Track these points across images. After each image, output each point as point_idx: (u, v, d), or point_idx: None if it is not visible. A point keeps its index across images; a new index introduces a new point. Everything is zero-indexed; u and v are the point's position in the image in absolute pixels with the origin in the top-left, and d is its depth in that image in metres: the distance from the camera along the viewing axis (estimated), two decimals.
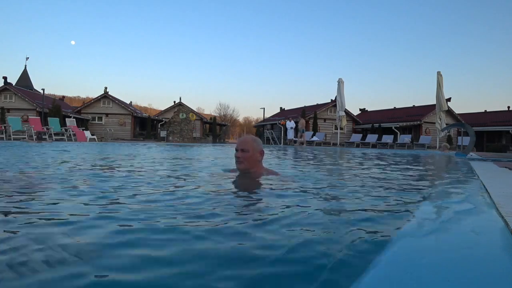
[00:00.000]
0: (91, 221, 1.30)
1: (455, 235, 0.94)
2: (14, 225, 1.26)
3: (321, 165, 5.21)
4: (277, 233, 1.18)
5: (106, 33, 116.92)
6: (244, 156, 2.64)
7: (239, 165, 2.68)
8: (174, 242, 1.06)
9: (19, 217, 1.38)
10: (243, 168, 2.69)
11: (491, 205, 1.30)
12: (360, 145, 22.22)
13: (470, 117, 27.28)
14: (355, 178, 3.30)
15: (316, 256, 0.97)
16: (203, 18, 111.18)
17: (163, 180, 2.79)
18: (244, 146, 2.66)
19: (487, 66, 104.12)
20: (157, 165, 4.40)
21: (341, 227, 1.34)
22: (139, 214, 1.43)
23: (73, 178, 2.60)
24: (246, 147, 2.66)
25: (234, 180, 2.72)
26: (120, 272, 0.84)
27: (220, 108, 59.18)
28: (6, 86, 25.25)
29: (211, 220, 1.35)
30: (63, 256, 0.94)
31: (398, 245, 0.79)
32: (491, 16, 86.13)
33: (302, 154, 8.31)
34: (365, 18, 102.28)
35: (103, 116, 29.32)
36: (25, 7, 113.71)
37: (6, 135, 14.62)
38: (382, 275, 0.62)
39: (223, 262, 0.91)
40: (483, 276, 0.63)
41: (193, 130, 22.40)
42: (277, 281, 0.81)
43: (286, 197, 2.00)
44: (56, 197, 1.82)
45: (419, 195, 2.16)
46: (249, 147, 2.67)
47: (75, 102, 58.75)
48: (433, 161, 7.29)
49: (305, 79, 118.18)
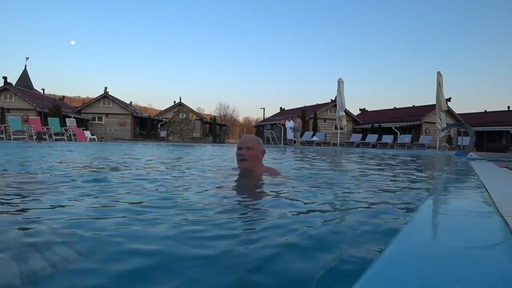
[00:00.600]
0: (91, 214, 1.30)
1: (455, 235, 0.94)
2: (15, 225, 1.26)
3: (319, 165, 5.21)
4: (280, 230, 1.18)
5: (106, 33, 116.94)
6: (249, 153, 2.64)
7: (244, 163, 2.66)
8: (181, 240, 1.06)
9: (19, 217, 1.38)
10: (247, 167, 2.67)
11: (491, 205, 1.30)
12: (360, 145, 22.22)
13: (470, 117, 27.27)
14: (354, 178, 3.30)
15: (316, 255, 0.97)
16: (203, 18, 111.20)
17: (168, 179, 2.80)
18: (249, 144, 2.67)
19: (487, 66, 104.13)
20: (162, 164, 4.40)
21: (340, 227, 1.34)
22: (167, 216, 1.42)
23: (83, 179, 2.59)
24: (252, 145, 2.66)
25: (238, 178, 2.72)
26: (123, 267, 0.84)
27: (220, 108, 59.18)
28: (6, 86, 25.24)
29: (219, 217, 1.35)
30: (67, 256, 0.94)
31: (397, 245, 0.79)
32: (491, 16, 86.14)
33: (301, 154, 8.32)
34: (365, 18, 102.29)
35: (103, 116, 29.30)
36: (25, 7, 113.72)
37: (6, 135, 14.62)
38: (382, 275, 0.62)
39: (228, 258, 0.91)
40: (483, 276, 0.63)
41: (193, 130, 22.40)
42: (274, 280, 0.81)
43: (285, 194, 2.00)
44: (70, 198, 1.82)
45: (419, 195, 2.16)
46: (254, 145, 2.68)
47: (75, 102, 58.70)
48: (432, 161, 7.29)
49: (305, 79, 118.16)
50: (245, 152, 2.63)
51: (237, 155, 2.69)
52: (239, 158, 2.67)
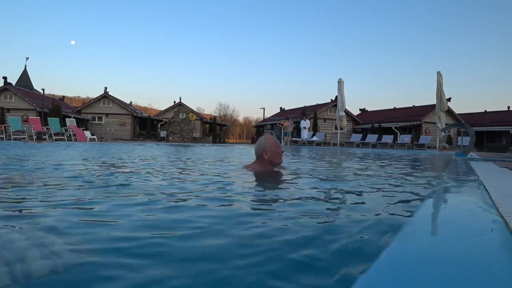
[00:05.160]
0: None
1: (454, 235, 0.94)
2: (15, 226, 1.26)
3: (319, 164, 5.21)
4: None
5: (106, 33, 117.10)
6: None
7: (281, 159, 3.26)
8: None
9: (20, 217, 1.38)
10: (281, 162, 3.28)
11: (491, 205, 1.30)
12: (360, 145, 22.22)
13: (470, 117, 27.28)
14: (352, 178, 3.30)
15: (317, 254, 0.97)
16: (203, 18, 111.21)
17: (184, 178, 2.80)
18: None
19: (487, 66, 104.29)
20: (175, 164, 4.40)
21: (339, 227, 1.34)
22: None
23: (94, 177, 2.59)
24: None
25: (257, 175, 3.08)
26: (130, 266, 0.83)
27: (220, 108, 59.23)
28: (6, 86, 25.25)
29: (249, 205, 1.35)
30: (72, 255, 0.94)
31: (397, 245, 0.79)
32: (491, 16, 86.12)
33: (306, 153, 8.32)
34: (365, 18, 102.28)
35: (103, 116, 29.31)
36: (25, 7, 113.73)
37: (6, 135, 14.63)
38: (382, 275, 0.62)
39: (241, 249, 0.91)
40: (483, 276, 0.63)
41: (193, 130, 22.39)
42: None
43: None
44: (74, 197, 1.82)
45: (418, 195, 2.15)
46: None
47: (75, 102, 58.73)
48: (432, 161, 7.29)
49: (305, 79, 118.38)
50: (281, 151, 3.23)
51: (278, 153, 3.21)
52: (278, 156, 3.21)
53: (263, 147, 3.13)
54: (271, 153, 3.13)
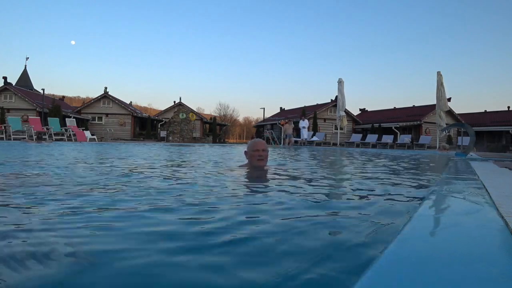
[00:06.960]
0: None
1: (454, 235, 0.94)
2: (15, 226, 1.26)
3: (318, 164, 5.21)
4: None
5: (106, 33, 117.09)
6: (266, 155, 3.21)
7: (262, 162, 3.21)
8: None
9: (21, 218, 1.38)
10: (264, 165, 3.24)
11: (491, 205, 1.30)
12: (360, 145, 22.21)
13: (470, 117, 27.27)
14: (352, 177, 3.30)
15: (317, 254, 0.97)
16: (203, 18, 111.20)
17: (181, 176, 2.81)
18: (265, 147, 3.24)
19: (487, 66, 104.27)
20: (173, 163, 4.40)
21: (339, 227, 1.34)
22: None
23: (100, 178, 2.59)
24: (266, 148, 3.24)
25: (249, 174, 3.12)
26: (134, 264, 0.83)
27: (220, 108, 59.22)
28: (6, 86, 25.23)
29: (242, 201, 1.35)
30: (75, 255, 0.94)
31: (397, 245, 0.79)
32: (491, 16, 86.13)
33: (303, 153, 8.31)
34: (365, 18, 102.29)
35: (103, 116, 29.29)
36: (25, 7, 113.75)
37: (6, 135, 14.63)
38: (382, 275, 0.62)
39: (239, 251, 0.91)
40: (483, 276, 0.62)
41: (193, 130, 22.40)
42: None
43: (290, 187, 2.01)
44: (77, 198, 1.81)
45: (418, 195, 2.15)
46: (267, 148, 3.26)
47: (75, 102, 58.75)
48: (432, 161, 7.29)
49: (305, 79, 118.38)
50: (263, 153, 3.18)
51: (254, 156, 3.18)
52: (259, 158, 3.18)
53: (246, 149, 3.31)
54: (249, 155, 3.25)
